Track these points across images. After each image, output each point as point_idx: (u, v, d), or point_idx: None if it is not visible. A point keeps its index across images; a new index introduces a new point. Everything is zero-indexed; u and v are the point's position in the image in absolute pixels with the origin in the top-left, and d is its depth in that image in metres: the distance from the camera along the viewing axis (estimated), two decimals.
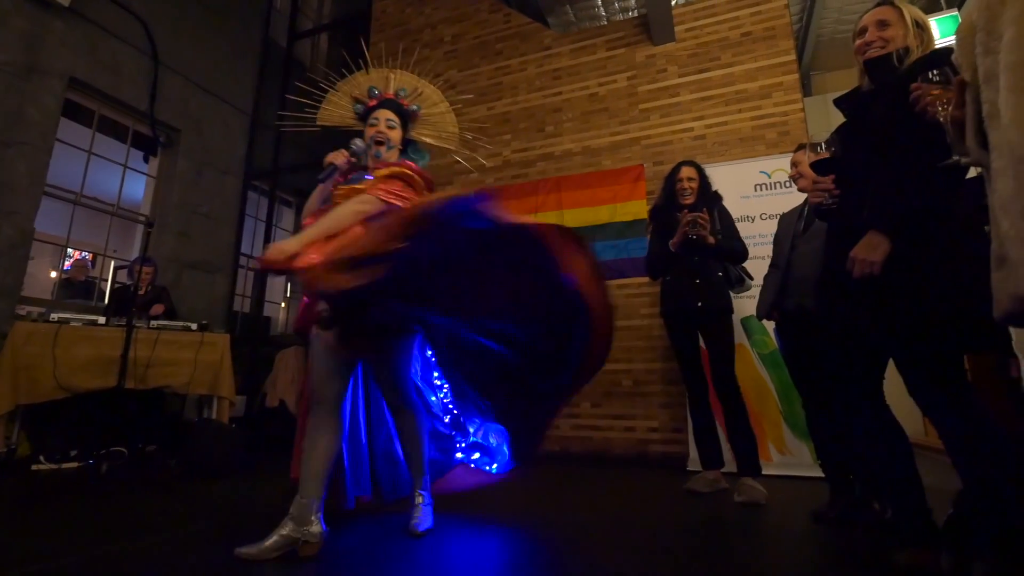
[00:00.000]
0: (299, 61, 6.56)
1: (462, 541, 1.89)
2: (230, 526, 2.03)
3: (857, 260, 1.48)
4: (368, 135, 2.07)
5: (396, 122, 2.11)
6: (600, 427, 3.98)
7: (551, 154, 4.68)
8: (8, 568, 1.50)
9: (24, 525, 2.00)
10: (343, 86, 2.32)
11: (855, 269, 1.48)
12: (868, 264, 1.46)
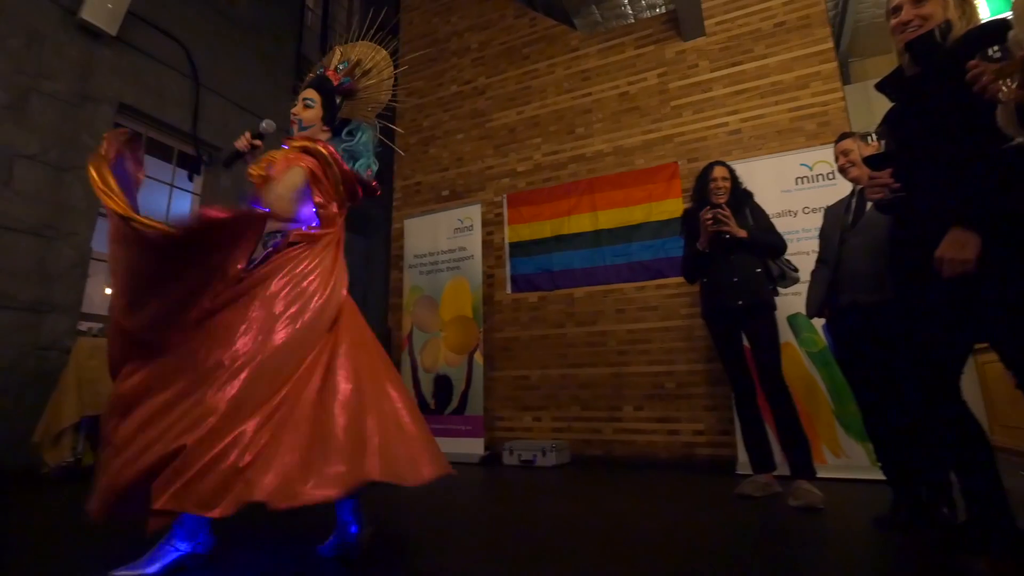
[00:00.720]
0: None
1: (498, 546, 1.88)
2: (293, 525, 2.07)
3: (946, 260, 1.39)
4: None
5: (315, 100, 1.96)
6: (643, 431, 3.92)
7: (582, 155, 4.65)
8: (85, 570, 1.57)
9: (94, 530, 2.09)
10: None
11: (945, 269, 1.40)
12: (960, 264, 1.37)
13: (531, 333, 4.49)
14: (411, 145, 5.54)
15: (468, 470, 3.75)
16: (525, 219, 4.65)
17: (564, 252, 4.44)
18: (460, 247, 4.63)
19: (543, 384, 4.34)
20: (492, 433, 4.35)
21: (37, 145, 3.96)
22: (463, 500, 2.90)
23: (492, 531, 2.10)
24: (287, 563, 1.69)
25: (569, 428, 4.17)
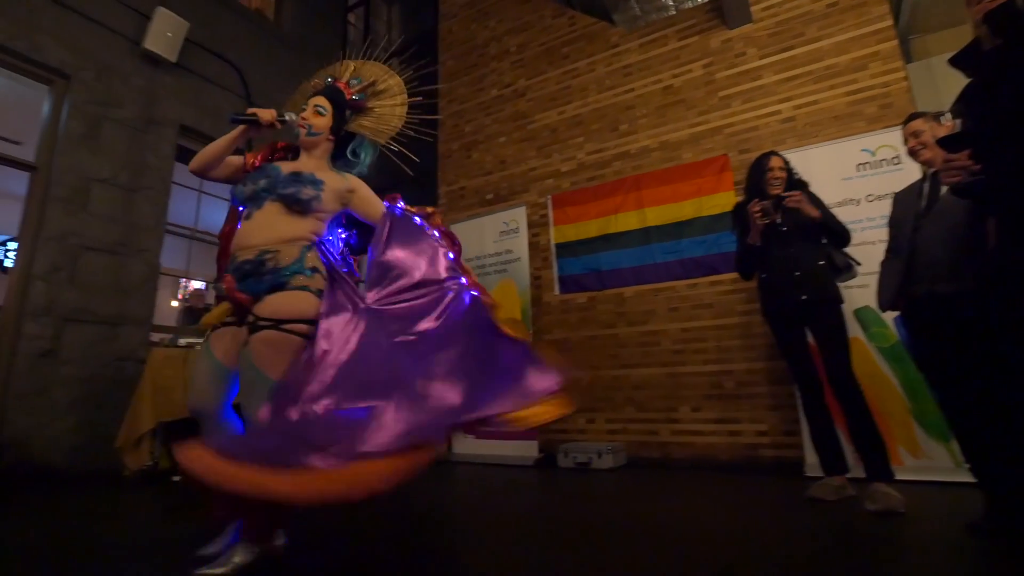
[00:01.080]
0: None
1: (556, 550, 1.86)
2: (385, 518, 2.12)
3: None
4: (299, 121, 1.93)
5: (326, 109, 1.93)
6: (702, 432, 3.81)
7: (627, 152, 4.58)
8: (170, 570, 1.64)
9: (171, 531, 2.20)
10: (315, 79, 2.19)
11: None
12: None
13: (581, 334, 4.45)
14: (454, 151, 5.60)
15: (522, 472, 3.75)
16: (571, 219, 4.62)
17: (612, 251, 4.38)
18: (506, 250, 4.64)
19: (595, 385, 4.29)
20: (545, 435, 4.32)
21: (109, 169, 4.23)
22: (518, 502, 2.89)
23: (549, 534, 2.08)
24: (349, 562, 1.72)
25: (624, 430, 4.10)
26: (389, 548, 1.92)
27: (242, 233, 1.73)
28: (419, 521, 2.40)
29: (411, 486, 3.46)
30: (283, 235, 1.69)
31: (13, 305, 3.69)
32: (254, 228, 1.70)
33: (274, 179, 1.77)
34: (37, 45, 3.94)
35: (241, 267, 1.64)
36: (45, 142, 4.04)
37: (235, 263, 1.67)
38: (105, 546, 1.96)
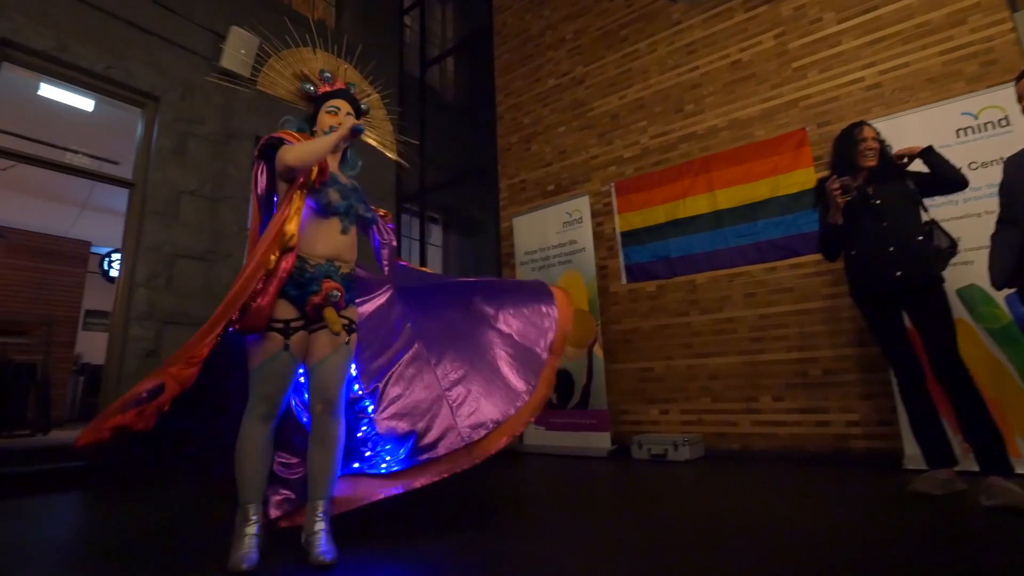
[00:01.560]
0: (431, 87, 6.98)
1: (631, 544, 1.81)
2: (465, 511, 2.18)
3: None
4: (326, 124, 1.96)
5: (354, 116, 2.02)
6: (786, 422, 3.63)
7: (694, 134, 4.40)
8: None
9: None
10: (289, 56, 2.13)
11: None
12: None
13: (651, 323, 4.34)
14: (513, 144, 5.59)
15: (596, 464, 3.72)
16: (636, 206, 4.50)
17: (681, 237, 4.24)
18: (570, 240, 4.59)
19: (668, 375, 4.17)
20: (618, 427, 4.27)
21: (196, 181, 4.53)
22: (594, 494, 2.87)
23: (624, 527, 2.04)
24: (404, 559, 1.76)
25: (700, 421, 3.97)
26: (462, 540, 1.95)
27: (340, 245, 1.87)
28: (491, 513, 2.43)
29: (481, 477, 3.53)
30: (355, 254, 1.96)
31: (120, 311, 4.05)
32: (349, 244, 1.91)
33: (356, 198, 1.93)
34: (130, 72, 4.28)
35: (344, 279, 1.85)
36: (140, 160, 4.39)
37: (338, 274, 1.83)
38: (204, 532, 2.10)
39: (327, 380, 1.80)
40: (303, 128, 2.02)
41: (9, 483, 3.20)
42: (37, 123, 5.54)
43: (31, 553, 1.97)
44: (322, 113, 2.00)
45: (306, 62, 2.12)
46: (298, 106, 2.14)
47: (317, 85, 2.07)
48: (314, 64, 2.13)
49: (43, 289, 6.82)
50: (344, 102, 2.02)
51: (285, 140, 1.86)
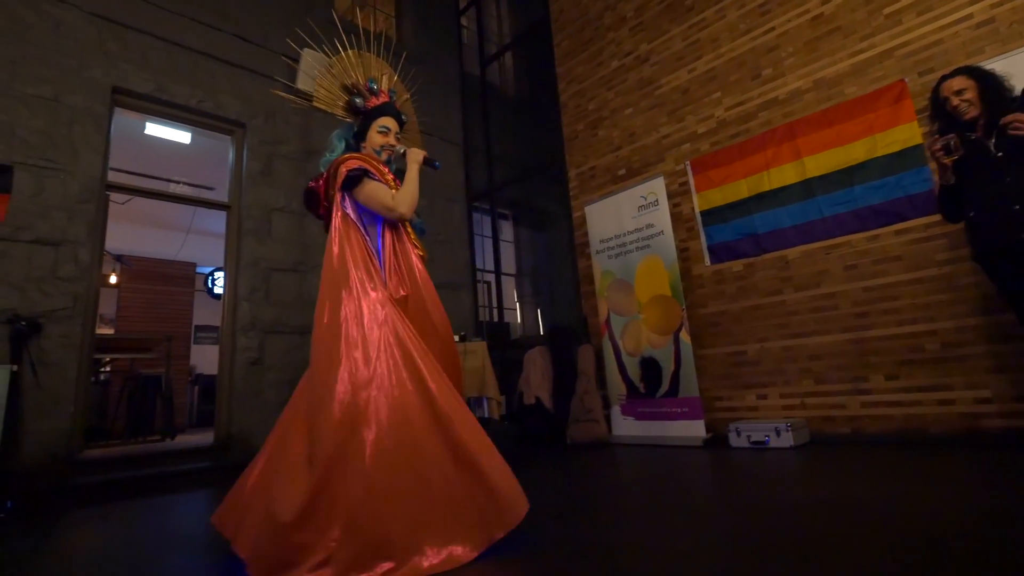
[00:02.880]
0: (491, 83, 7.02)
1: (736, 536, 1.71)
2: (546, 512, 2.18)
3: None
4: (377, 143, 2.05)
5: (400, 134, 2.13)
6: (902, 402, 3.32)
7: (774, 100, 4.12)
8: None
9: None
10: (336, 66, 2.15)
11: None
12: None
13: (741, 305, 4.12)
14: (579, 132, 5.50)
15: (691, 454, 3.59)
16: (715, 183, 4.28)
17: (769, 211, 3.98)
18: (647, 224, 4.44)
19: (763, 359, 3.95)
20: (712, 414, 4.09)
21: (283, 199, 4.82)
22: (691, 484, 2.76)
23: (729, 516, 1.94)
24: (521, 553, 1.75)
25: (802, 405, 3.72)
26: (561, 530, 1.93)
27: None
28: (587, 504, 2.40)
29: (571, 468, 3.50)
30: None
31: (227, 324, 4.39)
32: None
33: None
34: (220, 103, 4.62)
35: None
36: (233, 183, 4.73)
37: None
38: None
39: None
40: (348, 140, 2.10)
41: (145, 483, 3.57)
42: (145, 159, 6.12)
43: (176, 544, 2.18)
44: (373, 132, 2.08)
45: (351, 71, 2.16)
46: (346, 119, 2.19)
47: (366, 98, 2.12)
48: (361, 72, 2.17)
49: (160, 308, 7.56)
50: (392, 121, 2.11)
51: (369, 172, 1.94)
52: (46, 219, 3.60)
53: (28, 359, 3.27)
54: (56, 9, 3.91)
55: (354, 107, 2.12)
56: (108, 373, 6.03)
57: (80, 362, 3.59)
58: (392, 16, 6.66)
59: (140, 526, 2.60)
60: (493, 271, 5.99)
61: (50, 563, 2.07)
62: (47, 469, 3.29)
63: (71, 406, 3.48)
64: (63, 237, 3.65)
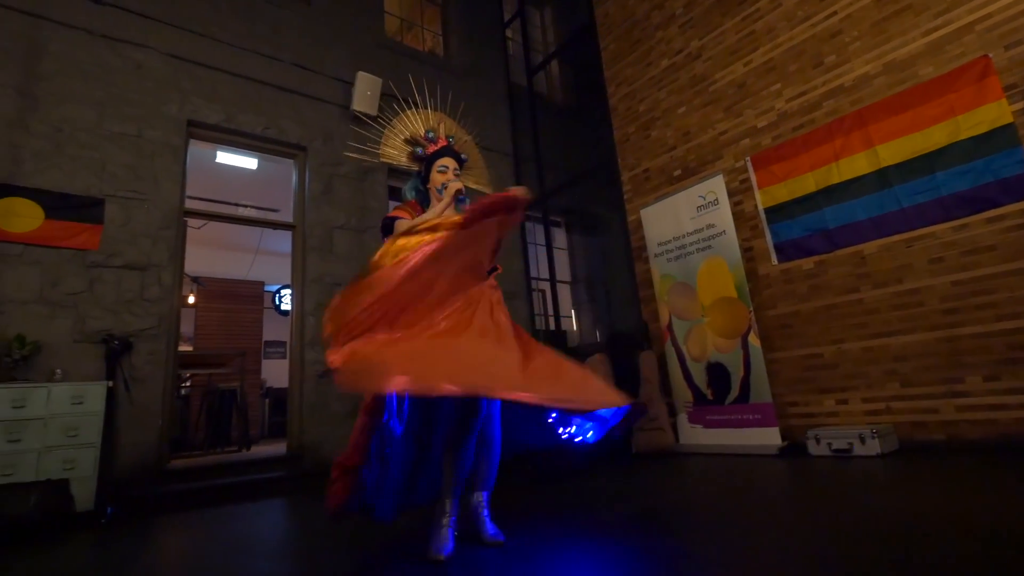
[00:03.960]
0: (539, 92, 7.03)
1: (818, 557, 1.58)
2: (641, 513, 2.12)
3: None
4: (438, 181, 2.17)
5: (459, 171, 2.25)
6: (1006, 405, 3.04)
7: (840, 87, 3.91)
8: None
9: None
10: (398, 124, 2.37)
11: None
12: None
13: (813, 305, 3.91)
14: (630, 134, 5.42)
15: (766, 463, 3.41)
16: (779, 178, 4.10)
17: (840, 204, 3.76)
18: (708, 225, 4.30)
19: (842, 361, 3.72)
20: (786, 421, 3.89)
21: (343, 217, 5.00)
22: (769, 494, 2.61)
23: (813, 527, 1.80)
24: (578, 537, 1.70)
25: (888, 410, 3.47)
26: (637, 540, 1.86)
27: None
28: (661, 514, 2.31)
29: (639, 478, 3.41)
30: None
31: (296, 338, 4.57)
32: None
33: None
34: (282, 129, 4.85)
35: None
36: (297, 204, 4.94)
37: None
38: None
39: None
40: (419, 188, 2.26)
41: (225, 492, 3.74)
42: (217, 186, 6.51)
43: (258, 549, 2.26)
44: (434, 172, 2.24)
45: (411, 125, 2.37)
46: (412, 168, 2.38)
47: (425, 146, 2.30)
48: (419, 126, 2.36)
49: (233, 326, 7.99)
50: (450, 159, 2.25)
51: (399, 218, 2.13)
52: (133, 246, 3.88)
53: (122, 376, 3.52)
54: (136, 52, 4.23)
55: (416, 156, 2.32)
56: (188, 388, 6.41)
57: (166, 377, 3.83)
58: (439, 34, 6.82)
59: (224, 532, 2.72)
60: (548, 279, 5.96)
61: (149, 565, 2.20)
62: (139, 478, 3.51)
63: (159, 419, 3.71)
64: (148, 262, 3.92)
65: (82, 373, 3.45)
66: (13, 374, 3.20)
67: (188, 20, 4.54)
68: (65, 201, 3.66)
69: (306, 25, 5.26)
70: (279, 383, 7.87)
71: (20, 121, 3.67)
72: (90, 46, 4.04)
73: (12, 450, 2.94)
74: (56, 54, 3.89)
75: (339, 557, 2.03)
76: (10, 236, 3.44)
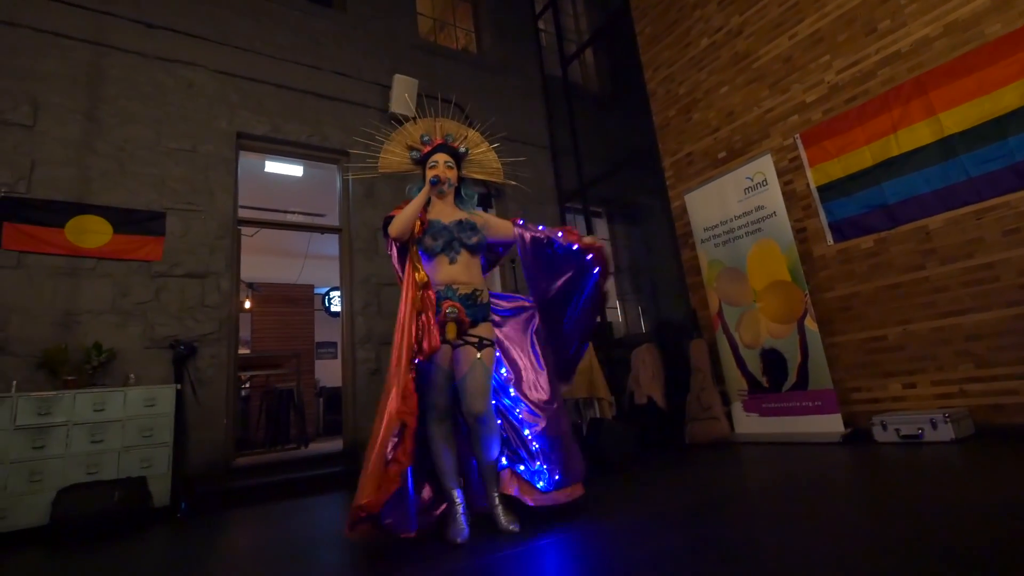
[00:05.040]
0: (573, 82, 6.96)
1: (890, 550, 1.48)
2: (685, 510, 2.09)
3: None
4: (429, 175, 2.34)
5: (452, 163, 2.40)
6: None
7: (896, 54, 3.68)
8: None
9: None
10: (397, 136, 2.55)
11: None
12: None
13: (874, 285, 3.71)
14: (671, 118, 5.29)
15: (829, 450, 3.28)
16: (832, 154, 3.91)
17: (900, 178, 3.55)
18: (757, 207, 4.15)
19: (908, 343, 3.52)
20: (849, 407, 3.72)
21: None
22: (835, 482, 2.51)
23: (889, 523, 1.71)
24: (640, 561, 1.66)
25: (962, 392, 3.27)
26: (696, 530, 1.82)
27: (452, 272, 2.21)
28: (716, 508, 2.25)
29: (694, 467, 3.33)
30: (479, 277, 2.30)
31: (347, 338, 4.70)
32: (461, 270, 2.23)
33: (452, 232, 2.25)
34: (325, 135, 4.99)
35: (464, 299, 2.18)
36: (342, 208, 5.08)
37: (456, 294, 2.17)
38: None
39: (469, 395, 2.11)
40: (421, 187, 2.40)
41: (285, 487, 3.90)
42: (266, 194, 6.76)
43: (321, 542, 2.35)
44: (426, 169, 2.42)
45: (409, 135, 2.55)
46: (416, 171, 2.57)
47: (420, 149, 2.48)
48: (416, 133, 2.53)
49: (286, 328, 8.30)
50: (441, 154, 2.41)
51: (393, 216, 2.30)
52: (193, 255, 4.08)
53: (188, 379, 3.72)
54: (188, 71, 4.44)
55: (414, 160, 2.51)
56: (248, 389, 6.71)
57: (228, 379, 4.02)
58: (472, 31, 6.84)
59: (288, 525, 2.84)
60: None
61: (224, 556, 2.32)
62: (208, 475, 3.71)
63: (224, 419, 3.90)
64: (207, 270, 4.11)
65: (152, 377, 3.67)
66: (92, 380, 3.44)
67: (233, 36, 4.73)
68: (130, 216, 3.89)
69: (343, 33, 5.39)
70: (331, 382, 8.13)
71: (87, 144, 3.92)
72: (146, 68, 4.27)
73: (96, 450, 3.16)
74: (116, 78, 4.13)
75: (393, 546, 2.08)
76: (84, 251, 3.68)
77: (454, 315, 2.12)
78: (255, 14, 4.92)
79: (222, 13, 4.74)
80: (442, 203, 2.37)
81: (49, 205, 3.65)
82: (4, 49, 3.80)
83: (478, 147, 2.63)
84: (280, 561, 2.11)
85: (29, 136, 3.73)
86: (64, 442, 3.10)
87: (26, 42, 3.88)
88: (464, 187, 2.47)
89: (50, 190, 3.69)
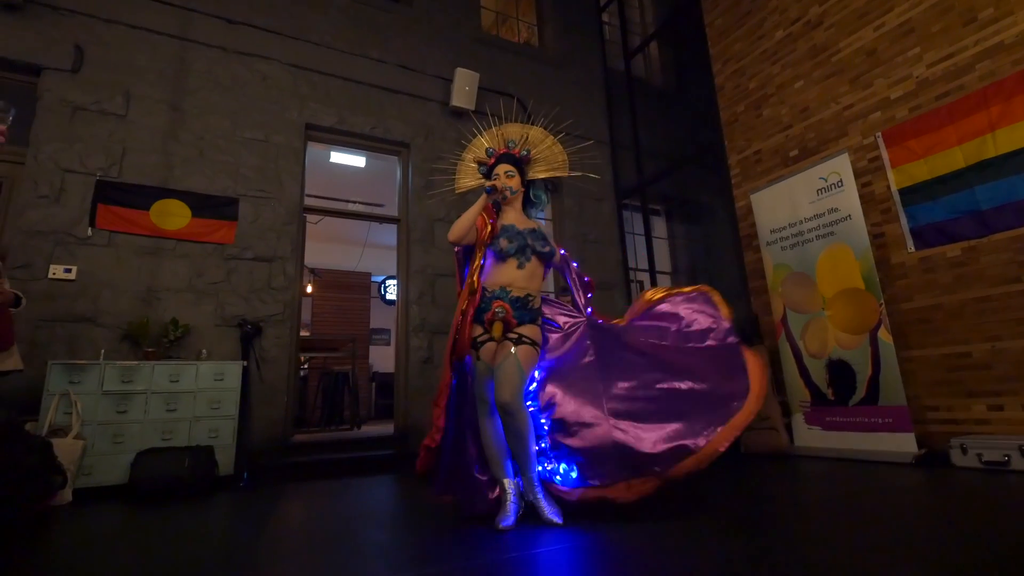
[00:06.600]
0: (636, 76, 6.80)
1: None
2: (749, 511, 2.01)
3: None
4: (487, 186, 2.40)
5: (513, 171, 2.46)
6: None
7: (998, 45, 3.38)
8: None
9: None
10: (467, 155, 2.67)
11: None
12: None
13: (960, 297, 3.43)
14: (739, 114, 5.08)
15: (899, 471, 3.06)
16: (918, 154, 3.63)
17: (996, 182, 3.26)
18: (830, 209, 3.92)
19: (997, 361, 3.24)
20: (924, 427, 3.47)
21: (444, 210, 5.16)
22: (903, 505, 2.34)
23: (967, 555, 1.57)
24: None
25: None
26: (750, 544, 1.74)
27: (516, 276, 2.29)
28: (773, 522, 2.15)
29: (747, 479, 3.20)
30: (539, 284, 2.37)
31: (401, 326, 4.82)
32: (525, 276, 2.31)
33: (526, 238, 2.33)
34: (388, 128, 5.10)
35: (515, 301, 2.25)
36: (401, 199, 5.19)
37: (508, 296, 2.25)
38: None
39: (497, 384, 2.17)
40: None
41: (339, 466, 4.04)
42: (330, 184, 7.01)
43: (373, 520, 2.42)
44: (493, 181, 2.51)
45: (477, 149, 2.64)
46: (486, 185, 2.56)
47: (487, 162, 2.56)
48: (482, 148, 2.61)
49: (344, 314, 8.60)
50: (503, 164, 2.48)
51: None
52: (262, 240, 4.29)
53: (253, 356, 3.92)
54: (263, 65, 4.65)
55: (484, 175, 2.59)
56: (306, 370, 7.01)
57: (289, 359, 4.21)
58: (534, 24, 6.80)
59: (341, 502, 2.95)
60: (647, 270, 5.76)
61: (282, 525, 2.44)
62: (268, 449, 3.90)
63: (284, 396, 4.09)
64: (274, 254, 4.31)
65: (222, 353, 3.89)
66: (169, 352, 3.69)
67: (306, 31, 4.91)
68: (207, 201, 4.12)
69: (409, 26, 5.48)
70: (384, 368, 8.37)
71: (172, 132, 4.19)
72: (225, 62, 4.51)
73: (170, 418, 3.39)
74: (199, 71, 4.38)
75: (441, 531, 2.11)
76: (165, 233, 3.94)
77: (502, 314, 2.22)
78: (327, 8, 5.09)
79: (298, 8, 4.93)
80: (513, 211, 2.47)
81: (137, 189, 3.92)
82: (103, 44, 4.11)
83: (542, 143, 2.64)
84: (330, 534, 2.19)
85: (122, 125, 4.03)
86: (143, 408, 3.34)
87: (121, 38, 4.18)
88: (533, 189, 2.55)
89: (138, 175, 3.97)
